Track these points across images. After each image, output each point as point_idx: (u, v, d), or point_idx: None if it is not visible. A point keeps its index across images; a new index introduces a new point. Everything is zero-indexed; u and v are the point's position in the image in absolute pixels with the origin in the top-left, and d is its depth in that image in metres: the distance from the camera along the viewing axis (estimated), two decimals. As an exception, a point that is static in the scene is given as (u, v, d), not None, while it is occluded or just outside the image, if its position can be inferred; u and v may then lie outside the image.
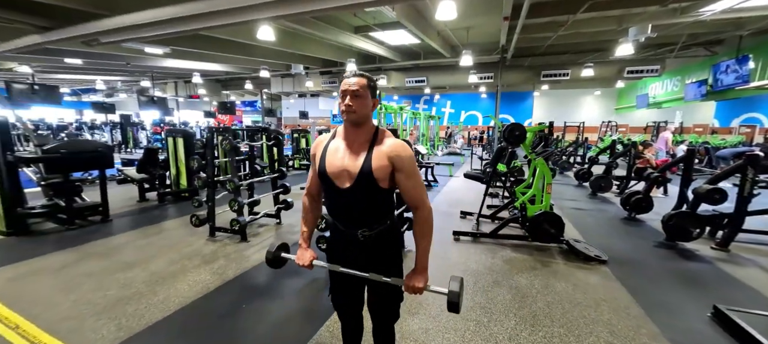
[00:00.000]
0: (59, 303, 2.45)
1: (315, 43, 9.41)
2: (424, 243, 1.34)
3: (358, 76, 1.25)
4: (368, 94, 1.26)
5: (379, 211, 1.34)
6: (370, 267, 1.37)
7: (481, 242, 3.82)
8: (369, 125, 1.31)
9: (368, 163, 1.24)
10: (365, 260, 1.37)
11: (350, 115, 1.24)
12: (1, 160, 3.67)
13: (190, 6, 4.61)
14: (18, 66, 10.63)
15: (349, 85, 1.23)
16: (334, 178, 1.28)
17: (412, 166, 1.29)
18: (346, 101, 1.23)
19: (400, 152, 1.27)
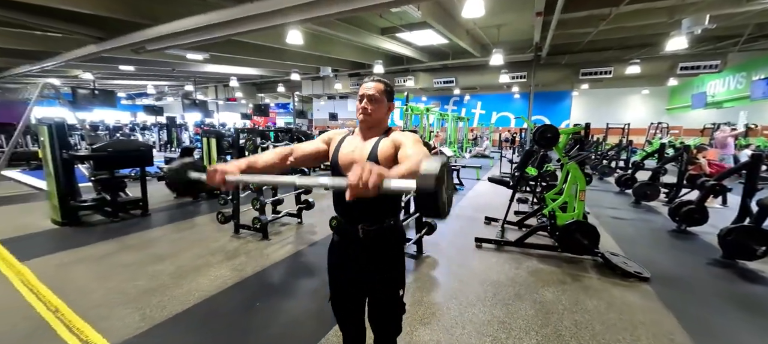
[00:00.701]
0: (94, 291, 2.64)
1: (342, 46, 9.54)
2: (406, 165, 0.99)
3: (375, 81, 1.31)
4: (384, 98, 1.32)
5: (381, 208, 1.30)
6: (370, 267, 1.32)
7: (505, 250, 3.60)
8: (382, 126, 1.34)
9: (374, 151, 1.25)
10: (365, 259, 1.33)
11: (366, 118, 1.29)
12: (58, 157, 4.08)
13: (224, 13, 4.85)
14: (82, 73, 11.89)
15: (366, 90, 1.29)
16: (343, 169, 1.29)
17: (412, 140, 1.24)
18: (362, 104, 1.29)
19: (400, 136, 1.27)
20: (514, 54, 9.86)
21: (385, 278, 1.34)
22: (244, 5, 4.56)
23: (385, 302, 1.37)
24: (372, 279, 1.34)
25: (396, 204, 1.37)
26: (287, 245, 3.72)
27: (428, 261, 3.31)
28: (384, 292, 1.35)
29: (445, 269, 3.14)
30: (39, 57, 8.67)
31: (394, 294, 1.36)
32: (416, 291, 2.71)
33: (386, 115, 1.35)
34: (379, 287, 1.35)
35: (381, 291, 1.35)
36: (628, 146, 9.63)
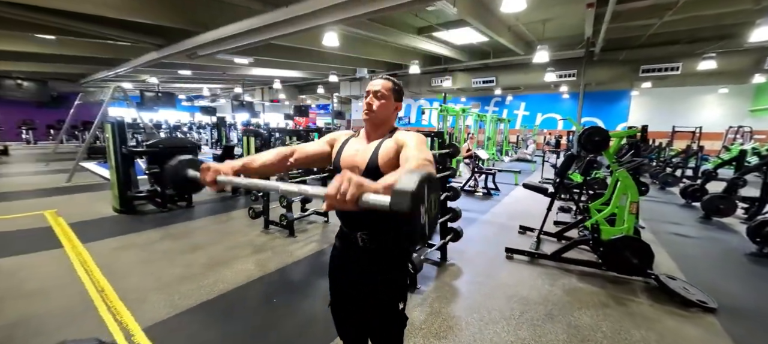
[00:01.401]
0: (136, 275, 2.89)
1: (378, 47, 9.56)
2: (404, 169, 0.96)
3: (383, 78, 1.26)
4: (391, 97, 1.25)
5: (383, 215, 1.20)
6: (371, 268, 1.25)
7: (539, 264, 3.30)
8: (387, 126, 1.27)
9: (375, 155, 1.18)
10: (366, 261, 1.25)
11: (370, 115, 1.23)
12: (118, 152, 4.56)
13: (262, 18, 5.10)
14: (149, 77, 13.34)
15: (373, 86, 1.24)
16: (345, 169, 1.22)
17: (415, 140, 1.14)
18: (367, 100, 1.23)
19: (404, 136, 1.18)
20: (561, 50, 9.14)
21: (386, 279, 1.25)
22: (280, 9, 4.74)
23: (384, 311, 1.28)
24: (374, 280, 1.26)
25: None
26: (312, 243, 3.77)
27: (452, 270, 3.13)
28: (386, 294, 1.26)
29: (469, 279, 2.95)
30: (113, 63, 9.88)
31: (394, 304, 1.27)
32: (435, 301, 2.57)
33: (392, 115, 1.28)
34: (381, 288, 1.26)
35: (383, 292, 1.26)
36: (697, 152, 8.40)
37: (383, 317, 1.28)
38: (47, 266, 3.02)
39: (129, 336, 2.09)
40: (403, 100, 1.40)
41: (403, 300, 1.29)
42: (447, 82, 12.54)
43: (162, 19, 5.38)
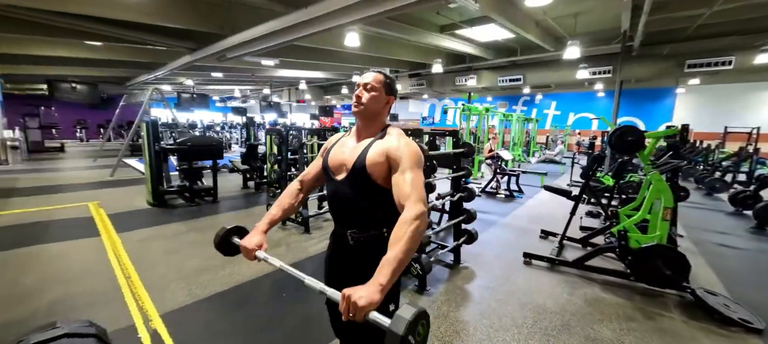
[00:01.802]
0: (160, 264, 3.07)
1: (401, 46, 9.52)
2: (397, 250, 0.97)
3: (375, 71, 1.23)
4: (382, 90, 1.22)
5: (372, 213, 1.20)
6: (358, 277, 1.22)
7: (560, 271, 3.11)
8: (379, 122, 1.24)
9: (363, 156, 1.16)
10: (354, 267, 1.23)
11: (359, 108, 1.21)
12: (151, 149, 4.88)
13: (284, 19, 5.24)
14: (185, 80, 14.19)
15: (363, 79, 1.21)
16: (332, 169, 1.24)
17: (410, 162, 1.12)
18: (356, 92, 1.21)
19: (399, 146, 1.14)
20: (595, 46, 8.59)
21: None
22: (300, 11, 4.84)
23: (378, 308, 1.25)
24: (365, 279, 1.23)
25: (391, 212, 1.23)
26: (325, 240, 3.81)
27: (464, 273, 3.04)
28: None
29: (482, 283, 2.84)
30: (152, 67, 10.62)
31: (384, 306, 1.23)
32: (443, 304, 2.50)
33: (384, 109, 1.25)
34: None
35: None
36: (752, 156, 7.56)
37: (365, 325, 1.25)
38: (86, 252, 3.29)
39: (147, 320, 2.21)
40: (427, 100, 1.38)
41: (395, 303, 1.25)
42: (471, 81, 12.23)
43: (193, 24, 5.69)
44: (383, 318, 0.83)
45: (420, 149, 1.19)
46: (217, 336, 2.10)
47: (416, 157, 1.14)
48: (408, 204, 1.06)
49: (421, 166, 1.16)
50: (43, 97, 12.71)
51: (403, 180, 1.10)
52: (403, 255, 0.96)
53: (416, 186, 1.09)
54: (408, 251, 0.97)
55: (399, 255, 0.95)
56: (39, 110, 12.70)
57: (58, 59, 9.14)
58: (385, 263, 0.95)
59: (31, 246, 3.36)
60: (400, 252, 0.95)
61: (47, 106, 14.30)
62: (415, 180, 1.10)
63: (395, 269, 0.94)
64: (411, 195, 1.07)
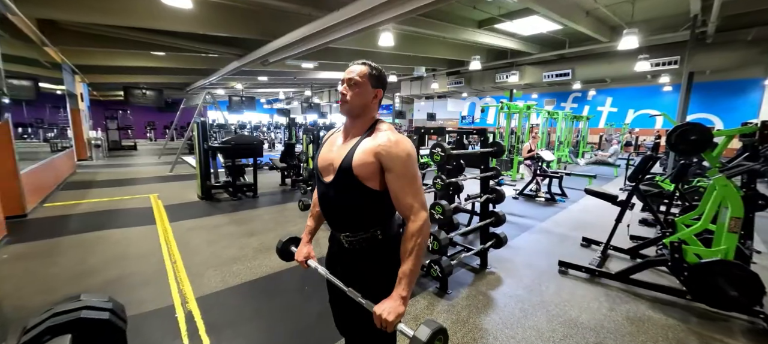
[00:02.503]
0: (201, 252, 3.35)
1: (437, 44, 9.35)
2: (410, 264, 1.06)
3: (360, 64, 1.16)
4: (368, 83, 1.15)
5: (363, 215, 1.16)
6: (356, 281, 1.20)
7: (600, 283, 2.82)
8: (367, 118, 1.18)
9: (350, 156, 1.11)
10: (349, 270, 1.22)
11: (343, 105, 1.16)
12: (201, 148, 5.36)
13: (319, 22, 5.43)
14: (236, 84, 15.37)
15: (347, 74, 1.15)
16: (321, 171, 1.22)
17: (405, 167, 1.08)
18: (340, 89, 1.16)
19: (389, 148, 1.08)
20: (658, 34, 7.67)
21: (372, 285, 1.20)
22: (333, 13, 4.98)
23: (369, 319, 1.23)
24: (360, 283, 1.23)
25: (383, 213, 1.18)
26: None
27: (490, 278, 2.89)
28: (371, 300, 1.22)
29: (508, 291, 2.68)
30: (206, 73, 11.66)
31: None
32: (463, 309, 2.40)
33: (372, 103, 1.17)
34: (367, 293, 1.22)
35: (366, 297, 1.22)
36: None
37: (368, 325, 1.23)
38: (143, 238, 3.72)
39: (184, 302, 2.43)
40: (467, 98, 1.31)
41: None
42: (513, 78, 11.61)
43: (238, 32, 6.14)
44: (407, 330, 0.95)
45: (413, 147, 1.15)
46: (242, 320, 2.24)
47: (410, 157, 1.09)
48: (412, 215, 1.08)
49: (416, 164, 1.11)
50: (120, 102, 14.59)
51: (402, 187, 1.07)
52: (414, 267, 1.06)
53: (416, 192, 1.09)
54: (419, 261, 1.08)
55: (412, 268, 1.06)
56: (117, 114, 14.59)
57: (130, 69, 10.44)
58: (402, 276, 1.06)
59: (100, 231, 3.88)
60: (412, 264, 1.06)
61: (123, 109, 16.38)
62: (413, 185, 1.08)
63: (410, 281, 1.06)
64: (413, 205, 1.07)
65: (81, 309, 0.93)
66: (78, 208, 4.83)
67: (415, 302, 2.48)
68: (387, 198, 1.13)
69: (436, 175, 2.58)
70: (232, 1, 5.63)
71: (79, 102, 9.91)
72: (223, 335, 2.09)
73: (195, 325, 2.17)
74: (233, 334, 2.10)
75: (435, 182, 2.58)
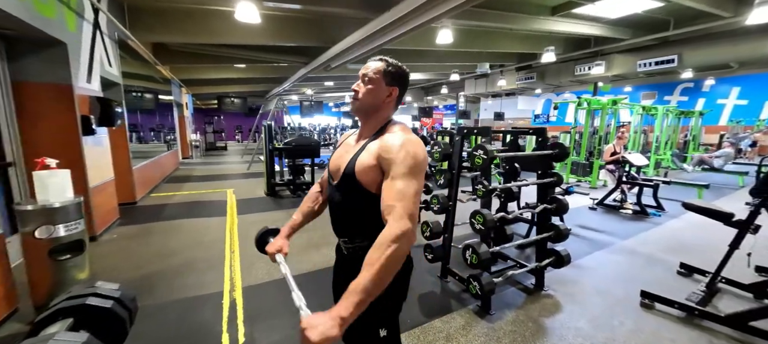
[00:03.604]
0: (255, 245, 3.64)
1: (503, 37, 8.65)
2: (366, 277, 0.84)
3: (377, 60, 1.10)
4: (382, 81, 1.08)
5: (364, 222, 1.07)
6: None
7: (701, 326, 2.19)
8: (379, 118, 1.10)
9: (354, 159, 1.05)
10: (347, 278, 1.13)
11: (354, 102, 1.11)
12: (267, 149, 5.88)
13: (373, 24, 5.48)
14: (306, 89, 16.65)
15: (364, 69, 1.10)
16: (331, 173, 1.18)
17: (403, 165, 0.95)
18: (353, 86, 1.11)
19: (390, 148, 0.98)
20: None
21: None
22: (386, 13, 4.95)
23: (362, 334, 1.12)
24: None
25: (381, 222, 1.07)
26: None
27: (545, 302, 2.48)
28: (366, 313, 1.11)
29: (567, 320, 2.26)
30: (279, 81, 12.85)
31: (373, 329, 1.09)
32: (506, 335, 2.09)
33: (385, 103, 1.09)
34: None
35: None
36: None
37: (361, 339, 1.12)
38: (215, 227, 4.21)
39: (232, 289, 2.65)
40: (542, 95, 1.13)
41: (388, 328, 1.09)
42: (598, 69, 10.08)
43: (303, 40, 6.61)
44: None
45: (422, 151, 1.00)
46: (278, 313, 2.33)
47: (412, 160, 0.95)
48: (390, 219, 0.90)
49: (419, 173, 0.97)
50: (215, 109, 17.09)
51: (390, 187, 0.94)
52: (371, 285, 0.82)
53: (404, 196, 0.92)
54: (380, 280, 0.84)
55: (367, 284, 0.82)
56: (213, 119, 17.12)
57: (220, 80, 12.13)
58: (350, 291, 0.83)
59: (185, 219, 4.53)
60: (369, 281, 0.82)
61: (218, 116, 19.15)
62: (404, 190, 0.93)
63: (360, 301, 0.81)
64: (394, 208, 0.90)
65: (88, 296, 0.99)
66: (173, 199, 5.75)
67: (450, 319, 2.26)
68: None
69: (477, 180, 2.32)
70: (295, 13, 6.06)
71: (184, 110, 11.90)
72: (257, 326, 2.20)
73: (236, 313, 2.34)
74: (266, 327, 2.19)
75: (476, 188, 2.31)
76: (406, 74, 1.15)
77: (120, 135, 4.79)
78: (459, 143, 2.60)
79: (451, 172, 2.69)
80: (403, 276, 1.15)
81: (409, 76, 1.21)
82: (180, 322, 2.22)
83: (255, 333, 2.13)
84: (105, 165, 4.12)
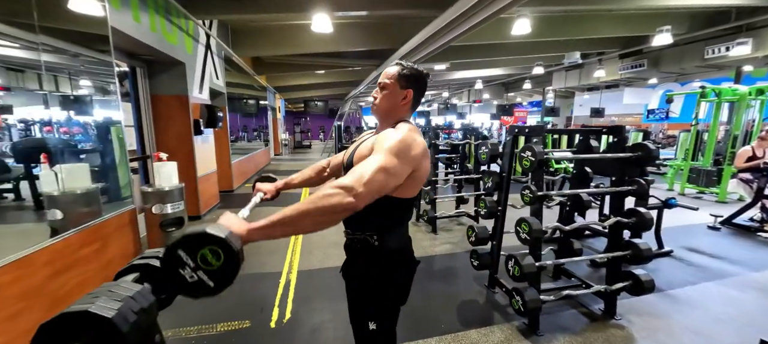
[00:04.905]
0: (324, 236, 3.99)
1: (597, 20, 7.46)
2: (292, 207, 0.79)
3: (394, 65, 1.16)
4: (396, 85, 1.13)
5: (361, 216, 1.09)
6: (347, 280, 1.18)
7: None
8: (393, 119, 1.15)
9: (354, 150, 1.12)
10: (347, 267, 1.20)
11: (373, 109, 1.19)
12: (336, 145, 6.36)
13: (437, 22, 5.38)
14: (382, 91, 17.30)
15: (381, 77, 1.18)
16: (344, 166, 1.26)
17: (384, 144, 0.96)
18: (372, 93, 1.20)
19: (385, 135, 1.01)
20: None
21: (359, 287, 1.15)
22: (449, 9, 4.80)
23: (355, 323, 1.16)
24: (350, 283, 1.20)
25: (383, 219, 1.08)
26: (446, 244, 3.67)
27: (613, 334, 2.09)
28: (356, 301, 1.16)
29: (638, 359, 1.87)
30: (355, 84, 13.60)
31: (362, 319, 1.12)
32: (550, 360, 1.85)
33: (400, 106, 1.13)
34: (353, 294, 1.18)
35: (353, 299, 1.18)
36: None
37: (355, 330, 1.16)
38: (286, 217, 4.78)
39: (289, 271, 2.98)
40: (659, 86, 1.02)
41: (377, 323, 1.10)
42: (741, 48, 7.78)
43: (373, 44, 6.93)
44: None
45: (415, 143, 0.99)
46: (323, 297, 2.54)
47: (396, 142, 0.95)
48: (344, 176, 0.88)
49: (399, 154, 0.93)
50: (302, 112, 19.15)
51: (365, 158, 0.94)
52: (294, 214, 0.77)
53: (367, 166, 0.88)
54: (302, 215, 0.78)
55: (289, 211, 0.78)
56: (300, 120, 19.21)
57: (306, 86, 13.51)
58: (273, 214, 0.79)
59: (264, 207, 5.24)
60: (292, 209, 0.78)
61: (304, 117, 21.40)
62: (371, 160, 0.90)
63: (271, 224, 0.77)
64: (354, 171, 0.87)
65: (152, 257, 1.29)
66: (261, 189, 6.72)
67: (488, 332, 2.11)
68: (390, 205, 1.04)
69: (525, 186, 2.09)
70: (363, 19, 6.38)
71: (277, 113, 13.71)
72: (303, 307, 2.44)
73: (288, 292, 2.63)
74: (310, 308, 2.41)
75: (523, 194, 2.09)
76: (422, 76, 1.16)
77: (222, 134, 5.83)
78: (511, 143, 2.38)
79: (501, 175, 2.49)
80: (402, 277, 1.15)
81: (428, 77, 1.20)
82: (242, 293, 2.62)
83: (300, 312, 2.37)
84: (209, 159, 5.07)
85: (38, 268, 1.90)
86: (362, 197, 0.82)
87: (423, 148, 1.02)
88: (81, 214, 2.30)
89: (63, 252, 2.06)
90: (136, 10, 3.14)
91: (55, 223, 2.24)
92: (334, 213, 0.81)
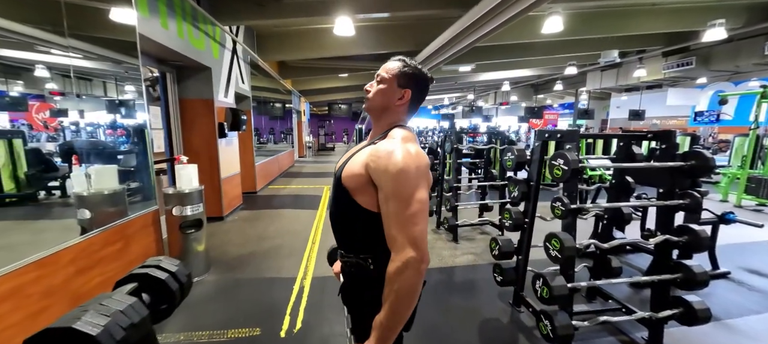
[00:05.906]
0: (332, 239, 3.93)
1: (639, 15, 6.90)
2: (383, 314, 0.86)
3: (395, 60, 1.06)
4: (394, 81, 1.02)
5: (353, 235, 1.01)
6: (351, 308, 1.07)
7: None
8: (387, 121, 1.04)
9: (344, 163, 0.99)
10: (344, 293, 1.09)
11: (365, 102, 1.09)
12: (356, 150, 6.33)
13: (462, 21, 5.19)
14: (405, 94, 17.18)
15: (380, 70, 1.07)
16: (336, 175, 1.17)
17: (396, 185, 0.86)
18: (366, 86, 1.09)
19: (379, 158, 0.89)
20: None
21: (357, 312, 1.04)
22: (472, 9, 4.61)
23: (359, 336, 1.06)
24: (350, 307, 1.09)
25: (377, 240, 0.91)
26: (467, 255, 3.47)
27: None
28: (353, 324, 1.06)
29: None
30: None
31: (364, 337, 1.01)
32: (584, 396, 1.63)
33: (396, 105, 1.00)
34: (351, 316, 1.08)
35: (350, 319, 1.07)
36: None
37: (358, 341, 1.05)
38: (306, 219, 4.77)
39: (304, 277, 2.93)
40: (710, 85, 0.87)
41: None
42: (810, 43, 6.93)
43: (395, 47, 6.84)
44: None
45: (415, 161, 0.87)
46: (335, 307, 2.45)
47: (403, 172, 0.84)
48: (393, 253, 0.85)
49: (413, 185, 0.85)
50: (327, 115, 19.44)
51: (388, 211, 0.86)
52: (388, 320, 0.85)
53: (405, 222, 0.83)
54: (394, 313, 0.85)
55: (383, 320, 0.86)
56: (325, 123, 19.51)
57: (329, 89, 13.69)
58: (375, 325, 0.88)
59: (285, 209, 5.29)
60: (384, 317, 0.86)
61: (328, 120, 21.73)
62: (400, 213, 0.83)
63: (381, 336, 0.86)
64: (396, 240, 0.84)
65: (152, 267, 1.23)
66: (283, 191, 6.81)
67: (513, 357, 1.92)
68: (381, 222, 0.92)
69: (556, 197, 1.88)
70: (385, 21, 6.31)
71: (302, 116, 13.96)
72: (315, 317, 2.36)
73: (301, 299, 2.57)
74: (321, 318, 2.33)
75: (554, 206, 1.88)
76: (424, 77, 1.05)
77: (247, 137, 5.97)
78: (539, 149, 2.18)
79: (528, 184, 2.28)
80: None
81: (431, 81, 1.09)
82: (255, 299, 2.59)
83: (311, 321, 2.29)
84: (233, 161, 5.19)
85: (62, 266, 1.96)
86: (425, 252, 0.84)
87: (423, 158, 0.91)
88: (108, 214, 2.37)
89: (87, 251, 2.12)
90: (164, 18, 3.24)
91: (83, 222, 2.33)
92: (415, 288, 0.85)
